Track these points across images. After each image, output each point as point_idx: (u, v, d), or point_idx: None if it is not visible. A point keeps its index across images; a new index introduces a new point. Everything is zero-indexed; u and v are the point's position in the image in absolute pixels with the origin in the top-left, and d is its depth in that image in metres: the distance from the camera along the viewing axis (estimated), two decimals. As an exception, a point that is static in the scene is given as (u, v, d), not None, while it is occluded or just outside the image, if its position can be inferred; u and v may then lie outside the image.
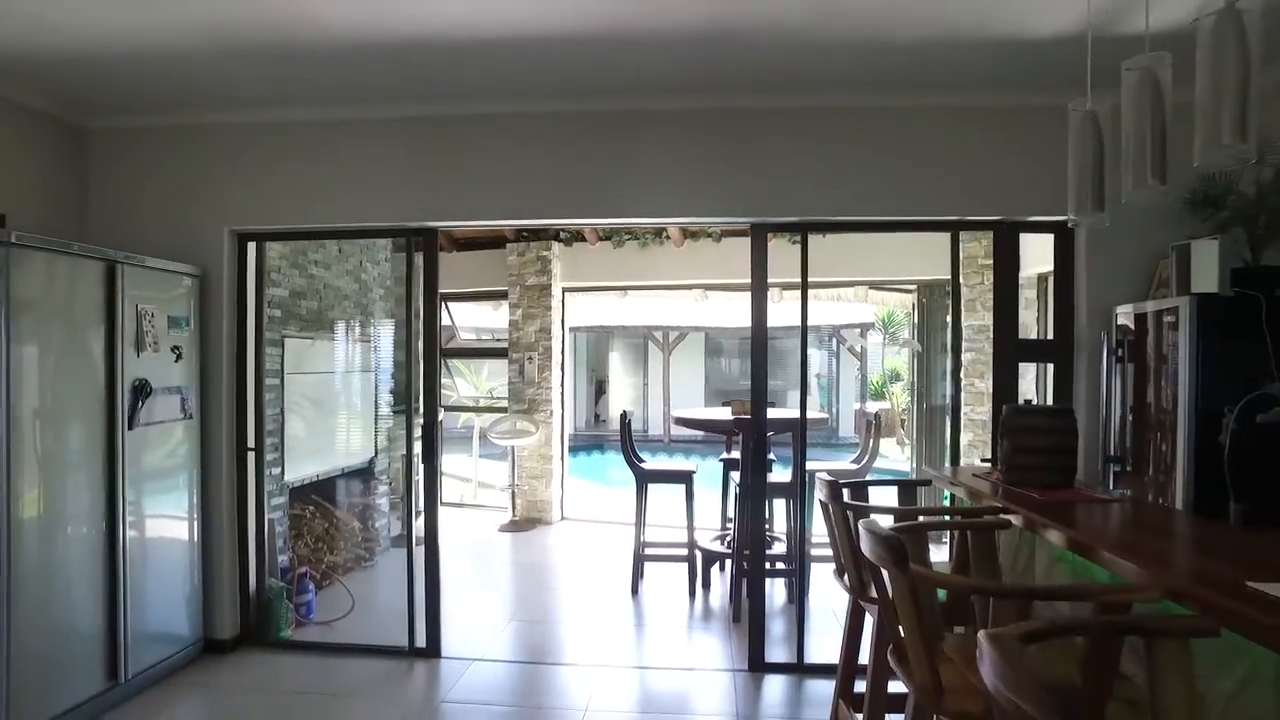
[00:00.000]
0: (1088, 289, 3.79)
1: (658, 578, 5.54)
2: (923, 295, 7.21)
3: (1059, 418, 2.65)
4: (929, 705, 1.69)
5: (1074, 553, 1.96)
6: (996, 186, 3.81)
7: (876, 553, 1.77)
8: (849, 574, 2.50)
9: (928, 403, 7.12)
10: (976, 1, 2.88)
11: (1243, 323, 3.05)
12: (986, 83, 3.66)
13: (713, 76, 3.61)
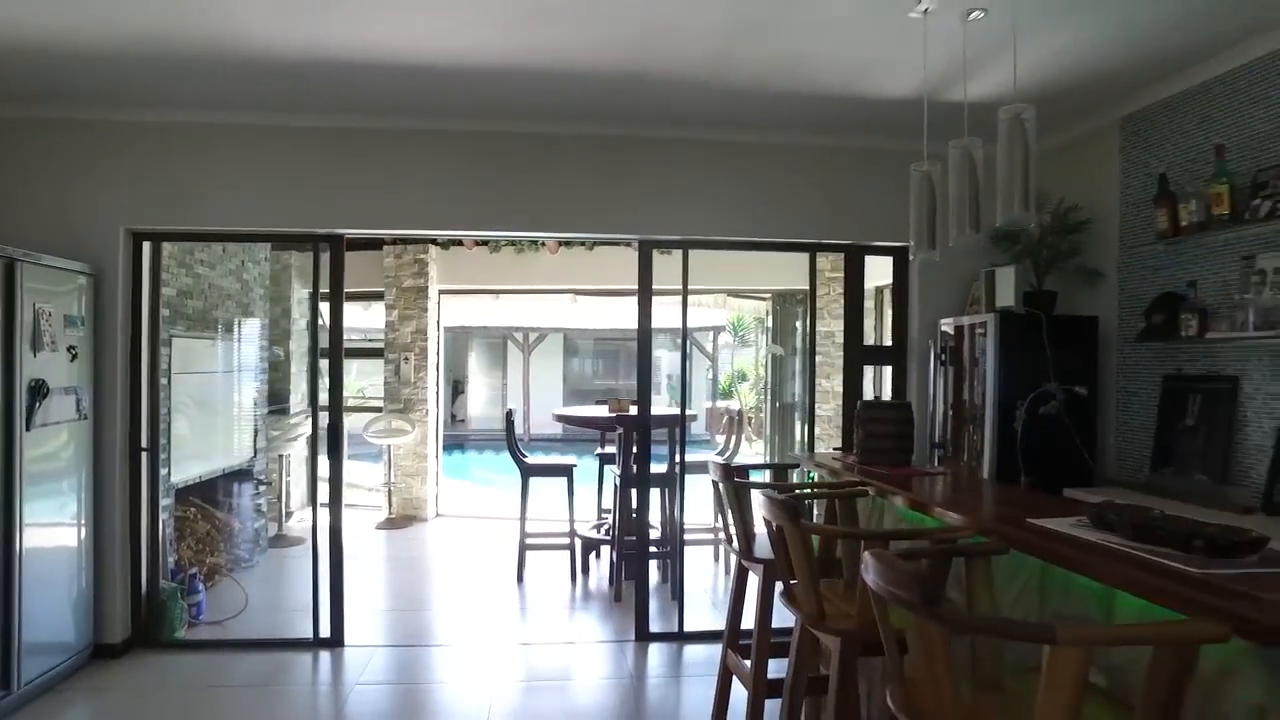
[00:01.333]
0: (919, 304, 4.56)
1: (540, 566, 5.92)
2: (776, 303, 7.99)
3: (900, 410, 3.31)
4: (814, 626, 2.23)
5: (913, 510, 2.57)
6: (849, 215, 4.50)
7: (775, 512, 2.29)
8: (738, 540, 3.03)
9: (780, 401, 7.90)
10: (841, 68, 3.52)
11: (1030, 335, 3.87)
12: (845, 129, 4.35)
13: (618, 109, 4.08)
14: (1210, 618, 1.33)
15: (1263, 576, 1.51)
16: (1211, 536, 1.62)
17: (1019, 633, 1.41)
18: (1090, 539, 1.84)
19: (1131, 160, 3.95)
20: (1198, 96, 3.56)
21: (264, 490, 6.21)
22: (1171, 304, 3.56)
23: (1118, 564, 1.65)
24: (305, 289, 7.88)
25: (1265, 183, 3.09)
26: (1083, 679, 1.30)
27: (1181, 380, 3.63)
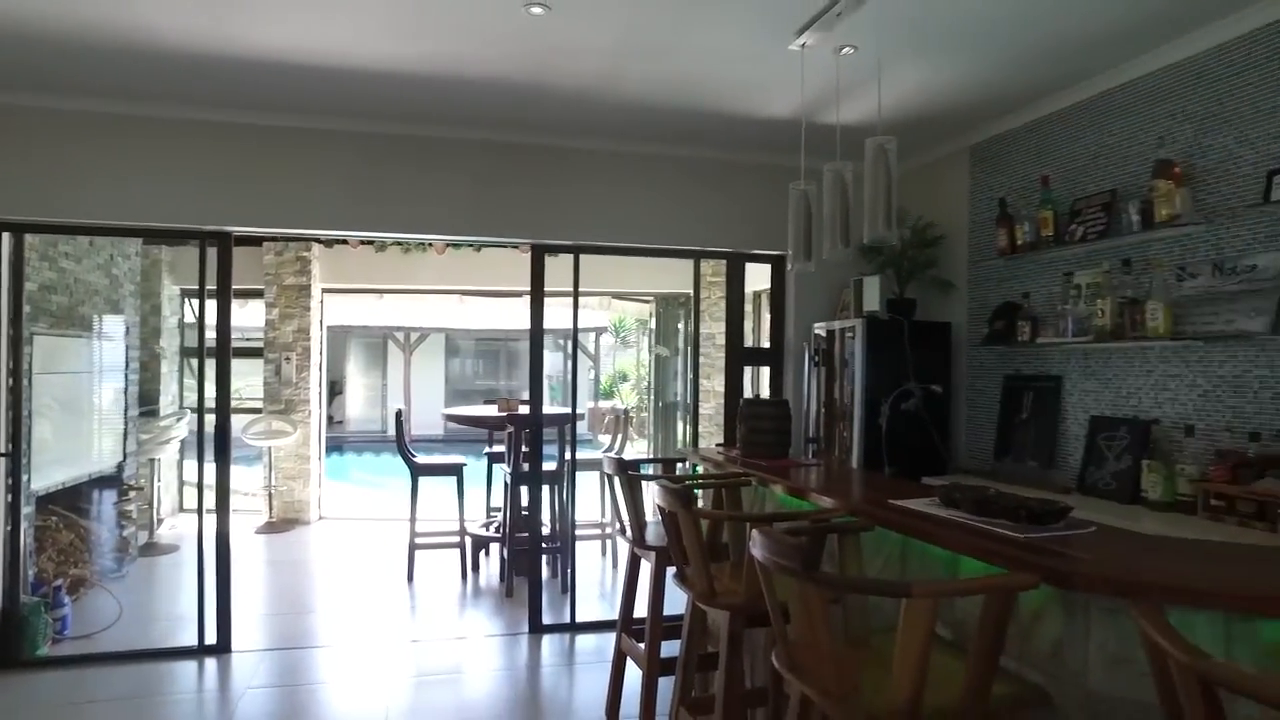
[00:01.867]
0: (794, 309, 4.92)
1: (430, 565, 5.95)
2: (660, 305, 8.29)
3: (779, 407, 3.61)
4: (706, 603, 2.46)
5: (792, 496, 2.86)
6: (732, 224, 4.81)
7: (670, 500, 2.52)
8: (632, 529, 3.24)
9: (662, 400, 8.20)
10: (727, 90, 3.82)
11: (893, 338, 4.28)
12: (730, 144, 4.66)
13: (515, 117, 4.22)
14: (1026, 570, 1.64)
15: (1068, 538, 1.85)
16: (1031, 508, 1.95)
17: (883, 589, 1.69)
18: (940, 515, 2.15)
19: (978, 184, 4.43)
20: (1030, 133, 4.06)
21: (133, 496, 5.95)
22: (1010, 312, 4.04)
23: (961, 534, 1.96)
24: (176, 285, 7.56)
25: (1079, 210, 3.60)
26: (931, 628, 1.58)
27: (1018, 379, 4.12)
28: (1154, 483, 3.15)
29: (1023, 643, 1.82)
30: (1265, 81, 2.97)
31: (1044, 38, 3.22)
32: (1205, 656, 1.21)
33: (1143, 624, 1.34)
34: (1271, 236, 2.92)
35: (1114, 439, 3.47)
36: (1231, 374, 3.06)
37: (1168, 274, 3.24)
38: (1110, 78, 3.55)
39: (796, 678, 1.81)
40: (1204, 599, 1.55)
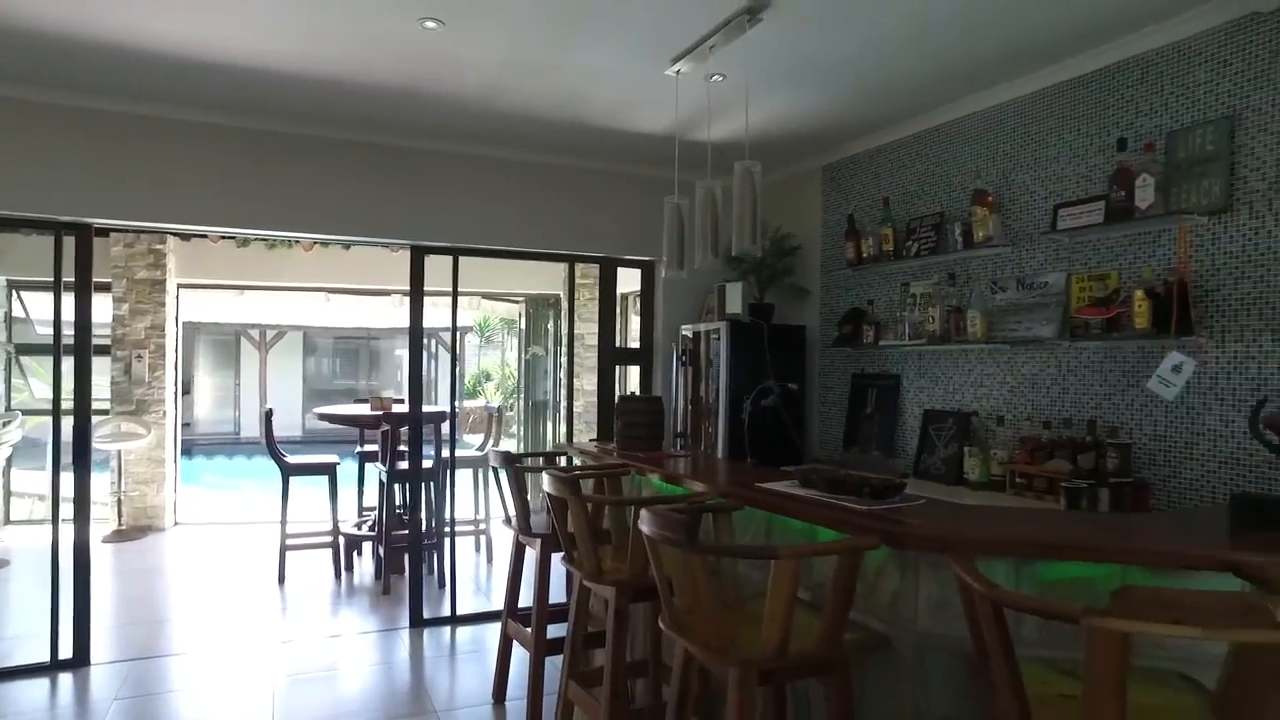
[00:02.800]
0: (663, 312, 5.24)
1: (301, 567, 5.87)
2: (530, 306, 8.45)
3: (653, 403, 3.91)
4: (594, 581, 2.71)
5: (668, 483, 3.15)
6: (606, 230, 5.07)
7: (559, 488, 2.74)
8: (518, 519, 3.44)
9: (532, 399, 8.36)
10: (606, 106, 4.06)
11: (754, 340, 4.67)
12: (607, 155, 4.91)
13: (399, 121, 4.30)
14: (870, 535, 1.99)
15: (903, 508, 2.22)
16: (874, 485, 2.32)
17: (755, 553, 1.98)
18: (799, 493, 2.49)
19: (830, 200, 4.90)
20: (873, 158, 4.55)
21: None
22: (857, 317, 4.52)
23: (816, 508, 2.30)
24: (1, 275, 7.02)
25: (914, 229, 4.10)
26: (795, 586, 1.89)
27: (864, 378, 4.61)
28: (973, 466, 3.67)
29: (867, 597, 2.18)
30: (1049, 133, 3.54)
31: (884, 78, 3.68)
32: (997, 587, 1.57)
33: (957, 570, 1.70)
34: (1058, 259, 3.49)
35: (942, 429, 3.99)
36: (1031, 373, 3.61)
37: (984, 287, 3.78)
38: (938, 115, 4.07)
39: (681, 636, 2.08)
40: (1001, 549, 1.95)
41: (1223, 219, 2.92)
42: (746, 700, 1.91)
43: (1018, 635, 1.66)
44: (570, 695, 2.89)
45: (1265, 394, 2.77)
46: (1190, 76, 3.04)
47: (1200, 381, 2.96)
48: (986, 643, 1.63)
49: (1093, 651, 1.40)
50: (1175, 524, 2.42)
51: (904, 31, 3.19)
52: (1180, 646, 1.83)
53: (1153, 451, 3.12)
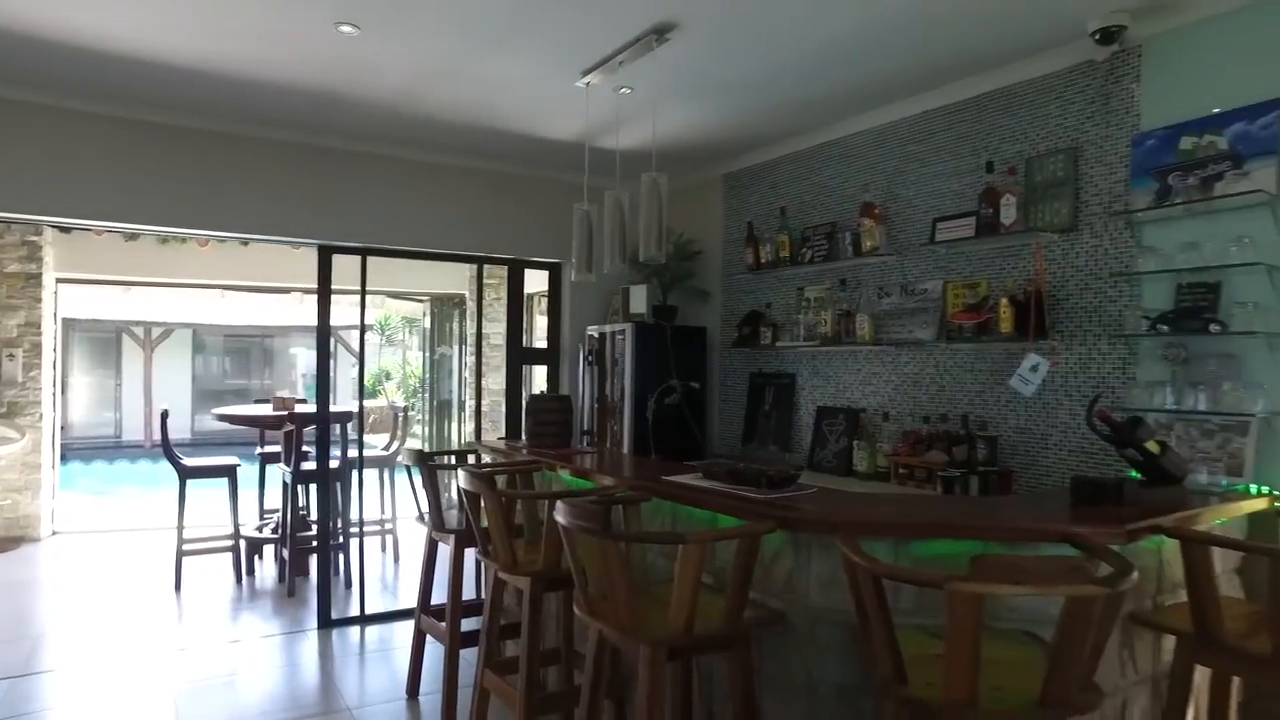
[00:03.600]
0: (570, 313, 5.38)
1: (199, 573, 5.71)
2: (435, 305, 8.42)
3: (563, 402, 4.05)
4: (509, 572, 2.83)
5: (578, 478, 3.30)
6: (514, 233, 5.17)
7: (474, 484, 2.85)
8: (432, 515, 3.51)
9: (437, 399, 8.34)
10: (517, 113, 4.19)
11: (658, 340, 4.87)
12: (518, 159, 5.02)
13: (311, 120, 4.29)
14: (768, 520, 2.20)
15: (797, 497, 2.45)
16: (771, 476, 2.54)
17: (664, 539, 2.16)
18: (703, 485, 2.69)
19: (731, 208, 5.15)
20: (772, 168, 4.83)
21: None
22: (756, 319, 4.78)
23: (719, 498, 2.50)
24: None
25: (808, 237, 4.39)
26: (701, 569, 2.07)
27: (762, 377, 4.87)
28: (862, 458, 3.97)
29: (764, 578, 2.39)
30: (929, 153, 3.88)
31: (782, 97, 3.94)
32: (877, 562, 1.80)
33: (844, 549, 1.91)
34: (936, 268, 3.82)
35: (834, 425, 4.29)
36: (913, 372, 3.94)
37: (871, 292, 4.09)
38: (831, 132, 4.36)
39: (596, 619, 2.23)
40: (882, 530, 2.19)
41: (1070, 237, 3.29)
42: (657, 675, 2.09)
43: (896, 606, 1.89)
44: (487, 684, 3.00)
45: (1099, 391, 3.15)
46: (1044, 110, 3.41)
47: (1054, 380, 3.33)
48: (869, 612, 1.85)
49: (953, 611, 1.64)
50: (1028, 504, 2.75)
51: (799, 58, 3.44)
52: (1027, 608, 2.12)
53: (1015, 442, 3.48)
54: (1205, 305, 2.85)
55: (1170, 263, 2.96)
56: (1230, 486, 2.72)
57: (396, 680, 3.87)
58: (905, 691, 1.79)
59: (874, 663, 1.89)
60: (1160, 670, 2.39)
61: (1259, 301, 2.74)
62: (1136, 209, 3.05)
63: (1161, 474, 2.63)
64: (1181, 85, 2.99)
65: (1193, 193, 2.89)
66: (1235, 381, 2.78)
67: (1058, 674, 1.68)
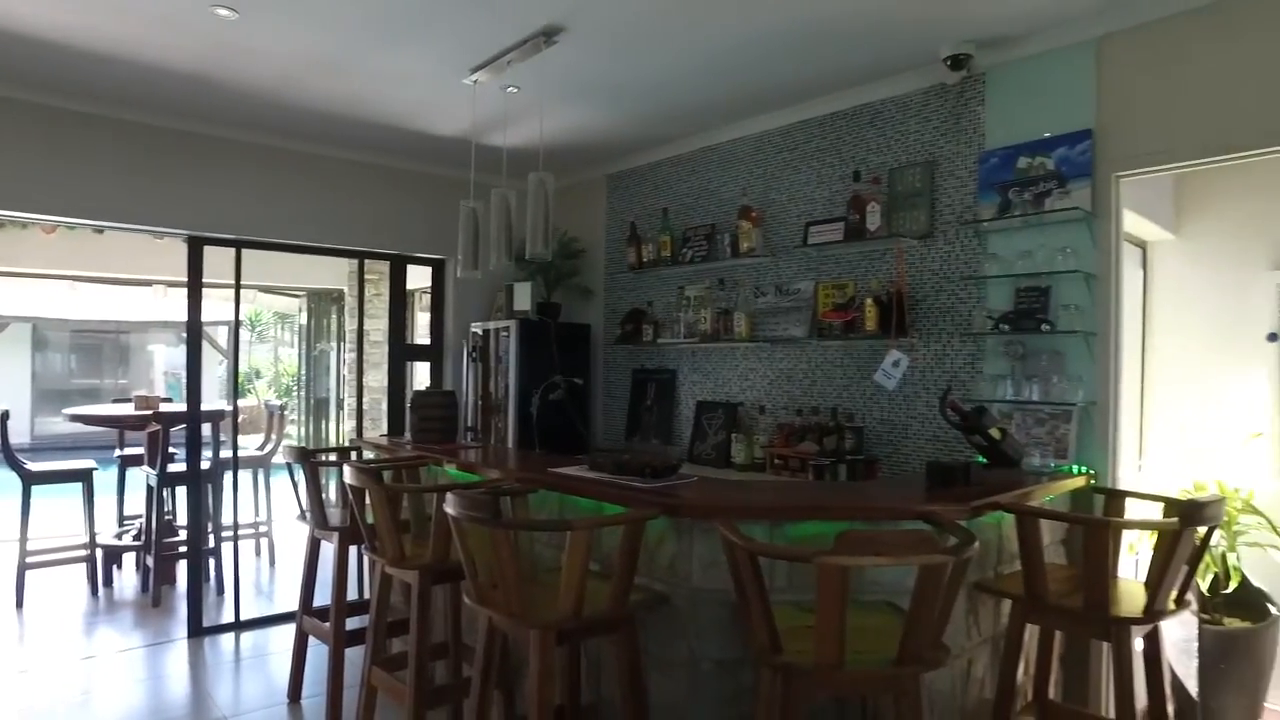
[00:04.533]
0: (454, 309, 5.36)
1: (46, 587, 5.32)
2: (312, 301, 8.15)
3: (448, 397, 4.05)
4: (397, 566, 2.83)
5: (464, 472, 3.33)
6: (398, 228, 5.10)
7: (361, 479, 2.83)
8: (314, 514, 3.45)
9: (314, 397, 8.08)
10: (403, 107, 4.15)
11: (542, 337, 4.93)
12: (403, 154, 4.97)
13: (184, 103, 4.09)
14: (652, 507, 2.32)
15: (678, 485, 2.58)
16: (654, 466, 2.66)
17: (553, 526, 2.24)
18: (589, 475, 2.78)
19: (614, 207, 5.27)
20: (654, 170, 4.98)
21: None
22: (638, 317, 4.91)
23: (605, 487, 2.60)
24: None
25: (689, 238, 4.56)
26: (588, 554, 2.17)
27: (644, 373, 5.02)
28: (739, 450, 4.17)
29: (649, 562, 2.51)
30: (801, 160, 4.13)
31: (664, 103, 4.08)
32: (754, 540, 1.95)
33: (722, 530, 2.05)
34: (808, 269, 4.07)
35: (713, 419, 4.47)
36: (787, 367, 4.17)
37: (748, 292, 4.29)
38: (711, 137, 4.55)
39: (486, 608, 2.29)
40: (758, 513, 2.36)
41: (927, 243, 3.59)
42: (547, 658, 2.17)
43: (771, 584, 2.05)
44: (375, 681, 2.99)
45: (950, 383, 3.46)
46: (905, 126, 3.70)
47: (913, 375, 3.61)
48: (747, 589, 2.00)
49: (822, 583, 1.81)
50: (889, 487, 3.00)
51: (682, 67, 3.59)
52: (888, 581, 2.33)
53: (880, 432, 3.75)
54: (1038, 307, 3.19)
55: (1010, 268, 3.29)
56: (1057, 468, 3.05)
57: (276, 685, 3.78)
58: (780, 659, 1.95)
59: (752, 635, 2.05)
60: (999, 631, 2.66)
61: (1079, 304, 3.09)
62: (983, 219, 3.37)
63: (1002, 458, 2.93)
64: (1018, 111, 3.32)
65: (1028, 207, 3.23)
66: (1061, 375, 3.13)
67: (912, 635, 1.87)
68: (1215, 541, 3.30)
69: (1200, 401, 3.88)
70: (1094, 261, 3.09)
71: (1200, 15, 2.87)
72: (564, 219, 5.32)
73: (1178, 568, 2.26)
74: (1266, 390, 3.70)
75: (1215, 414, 3.82)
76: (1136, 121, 3.02)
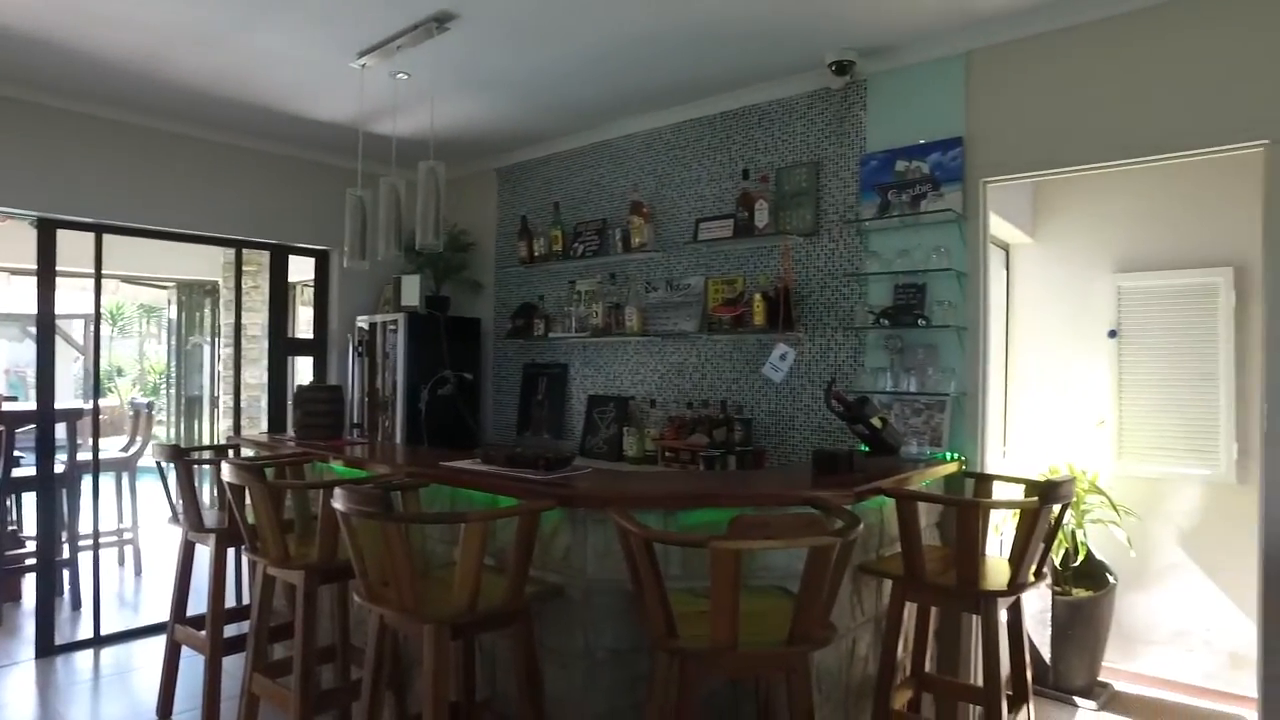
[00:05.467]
0: (338, 302, 5.17)
1: None
2: (183, 293, 7.67)
3: (334, 392, 3.90)
4: (281, 567, 2.71)
5: (351, 468, 3.23)
6: (279, 217, 4.87)
7: (241, 476, 2.70)
8: (187, 516, 3.26)
9: (186, 394, 7.62)
10: (284, 90, 3.98)
11: (431, 331, 4.83)
12: (285, 139, 4.75)
13: (28, 72, 3.76)
14: (546, 498, 2.32)
15: (572, 476, 2.59)
16: (548, 458, 2.66)
17: (446, 518, 2.21)
18: (483, 469, 2.75)
19: (505, 201, 5.21)
20: (545, 165, 4.95)
21: None
22: (529, 311, 4.88)
23: (498, 480, 2.58)
24: None
25: (581, 232, 4.57)
26: (483, 546, 2.14)
27: (535, 367, 4.99)
28: (631, 443, 4.21)
29: (543, 554, 2.50)
30: (692, 158, 4.21)
31: (556, 97, 4.07)
32: (649, 527, 1.98)
33: (617, 519, 2.08)
34: (698, 264, 4.15)
35: (605, 413, 4.50)
36: (678, 361, 4.24)
37: (639, 286, 4.34)
38: (603, 133, 4.57)
39: (378, 605, 2.23)
40: (652, 502, 2.39)
41: (813, 240, 3.73)
42: (441, 654, 2.13)
43: (666, 572, 2.08)
44: (256, 689, 2.85)
45: (834, 375, 3.61)
46: (791, 127, 3.83)
47: (799, 368, 3.75)
48: (642, 576, 2.03)
49: (715, 567, 1.86)
50: (777, 475, 3.11)
51: (573, 61, 3.59)
52: (779, 566, 2.41)
53: (768, 424, 3.87)
54: (915, 303, 3.37)
55: (890, 266, 3.46)
56: (933, 455, 3.24)
57: (142, 702, 3.55)
58: (676, 643, 1.98)
59: (648, 622, 2.08)
60: (881, 611, 2.80)
61: (951, 301, 3.29)
62: (864, 219, 3.53)
63: (883, 446, 3.09)
64: (897, 117, 3.50)
65: (905, 208, 3.40)
66: (936, 367, 3.32)
67: (802, 614, 1.95)
68: (1066, 520, 3.59)
69: (1055, 392, 4.19)
70: (965, 261, 3.29)
71: (1050, 38, 3.12)
72: (455, 212, 5.22)
73: (1037, 543, 2.44)
74: (1108, 381, 4.04)
75: (1068, 403, 4.14)
76: (1000, 132, 3.24)
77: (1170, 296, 3.90)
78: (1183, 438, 3.85)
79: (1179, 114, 2.87)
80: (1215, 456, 3.74)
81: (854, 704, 2.72)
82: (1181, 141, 2.87)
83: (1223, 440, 3.72)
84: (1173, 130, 2.88)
